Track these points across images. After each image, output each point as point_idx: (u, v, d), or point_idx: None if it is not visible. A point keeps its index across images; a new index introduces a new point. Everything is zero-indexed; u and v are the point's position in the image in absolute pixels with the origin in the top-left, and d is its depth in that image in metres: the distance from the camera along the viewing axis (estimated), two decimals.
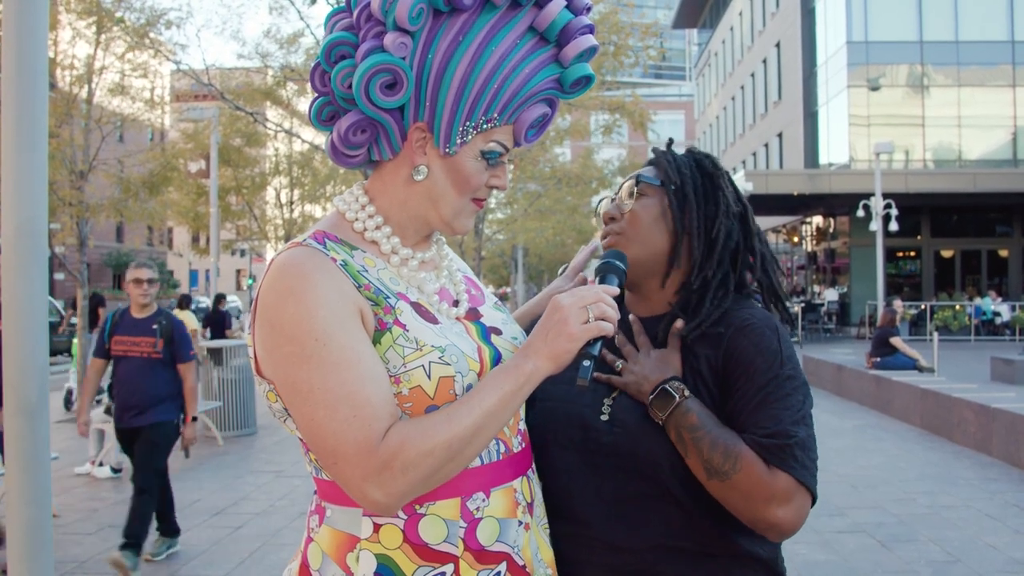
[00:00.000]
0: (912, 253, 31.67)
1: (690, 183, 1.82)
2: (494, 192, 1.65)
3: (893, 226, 23.49)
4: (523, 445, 1.65)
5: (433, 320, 1.55)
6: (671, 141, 1.98)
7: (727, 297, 1.78)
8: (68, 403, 12.35)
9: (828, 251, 33.96)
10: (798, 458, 1.59)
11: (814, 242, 35.84)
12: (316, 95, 1.61)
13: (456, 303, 1.66)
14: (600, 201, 1.94)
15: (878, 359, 13.52)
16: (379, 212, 1.61)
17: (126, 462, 8.62)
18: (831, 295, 30.98)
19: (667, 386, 1.67)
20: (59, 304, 25.19)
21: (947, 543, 6.08)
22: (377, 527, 1.48)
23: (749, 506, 1.58)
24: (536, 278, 49.26)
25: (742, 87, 46.03)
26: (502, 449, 1.58)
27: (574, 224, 30.39)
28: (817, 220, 34.71)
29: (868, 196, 23.80)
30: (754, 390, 1.65)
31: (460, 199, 1.59)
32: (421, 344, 1.48)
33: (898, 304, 14.86)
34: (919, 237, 31.09)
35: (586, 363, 1.52)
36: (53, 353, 22.61)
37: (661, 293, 1.84)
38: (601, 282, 1.67)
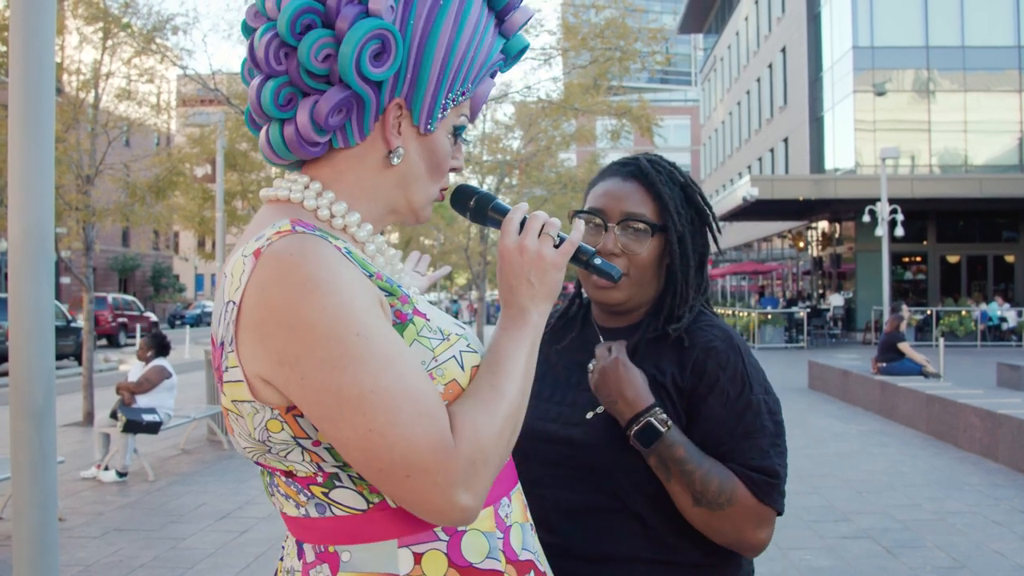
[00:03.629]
0: (918, 258, 31.63)
1: (687, 227, 1.85)
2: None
3: (899, 231, 23.46)
4: None
5: None
6: (657, 159, 1.92)
7: (692, 309, 1.84)
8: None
9: (834, 256, 33.93)
10: (782, 492, 1.70)
11: (820, 247, 35.81)
12: (263, 76, 1.36)
13: None
14: (580, 215, 1.83)
15: (884, 364, 13.51)
16: (340, 199, 1.38)
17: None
18: (837, 300, 30.94)
19: (652, 419, 1.68)
20: (64, 307, 25.25)
21: (953, 549, 6.06)
22: (418, 557, 1.28)
23: (736, 532, 1.68)
24: None
25: (748, 92, 46.03)
26: None
27: None
28: (823, 225, 34.68)
29: (874, 201, 23.78)
30: (733, 419, 1.70)
31: (431, 183, 1.44)
32: (447, 333, 1.34)
33: (905, 310, 14.85)
34: (925, 242, 31.06)
35: (598, 261, 1.49)
36: (59, 357, 22.70)
37: (636, 311, 1.89)
38: (500, 212, 1.49)
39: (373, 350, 1.17)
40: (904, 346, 13.59)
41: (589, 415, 1.79)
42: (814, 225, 35.57)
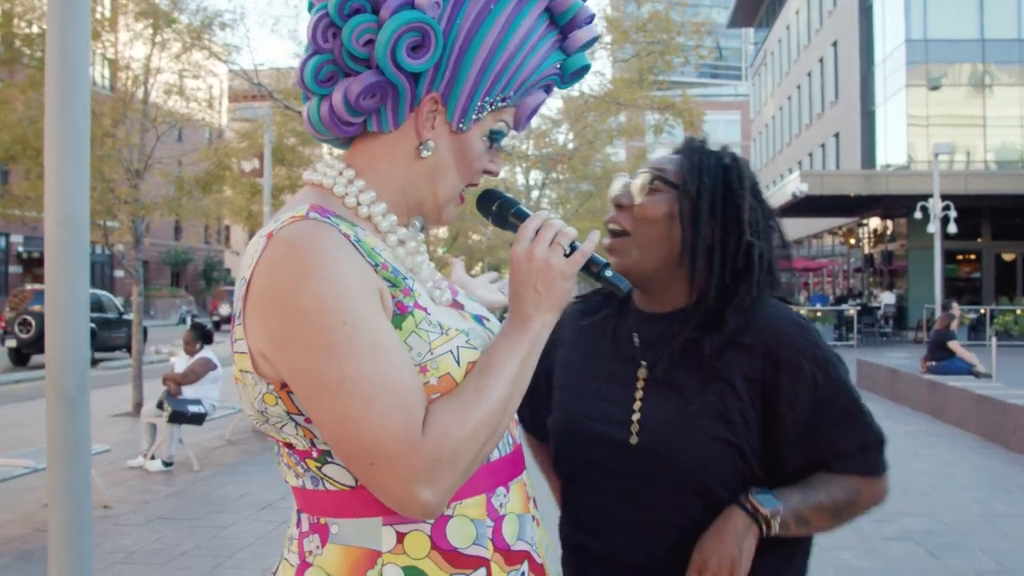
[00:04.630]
0: (972, 256, 31.04)
1: (708, 193, 1.70)
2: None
3: (951, 228, 23.04)
4: (518, 437, 1.56)
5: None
6: (702, 141, 1.81)
7: (753, 305, 1.69)
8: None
9: (885, 253, 33.41)
10: (884, 454, 1.71)
11: (871, 244, 35.30)
12: (311, 52, 1.43)
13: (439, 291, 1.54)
14: (617, 180, 1.81)
15: (933, 363, 13.29)
16: (369, 188, 1.43)
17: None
18: (888, 298, 30.45)
19: (771, 520, 1.59)
20: (118, 300, 25.71)
21: (998, 553, 5.93)
22: (401, 536, 1.32)
23: (867, 507, 1.72)
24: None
25: (798, 87, 45.49)
26: (510, 440, 1.47)
27: None
28: (874, 222, 34.17)
29: (926, 197, 23.38)
30: (826, 404, 1.65)
31: (459, 182, 1.47)
32: (446, 328, 1.36)
33: (956, 308, 14.61)
34: (979, 239, 30.46)
35: (609, 273, 1.45)
36: (111, 348, 23.17)
37: (669, 292, 1.76)
38: (520, 218, 1.50)
39: (359, 339, 1.22)
40: (954, 345, 13.37)
41: (635, 418, 1.69)
42: (865, 221, 35.08)
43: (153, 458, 8.64)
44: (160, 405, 8.75)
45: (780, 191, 31.08)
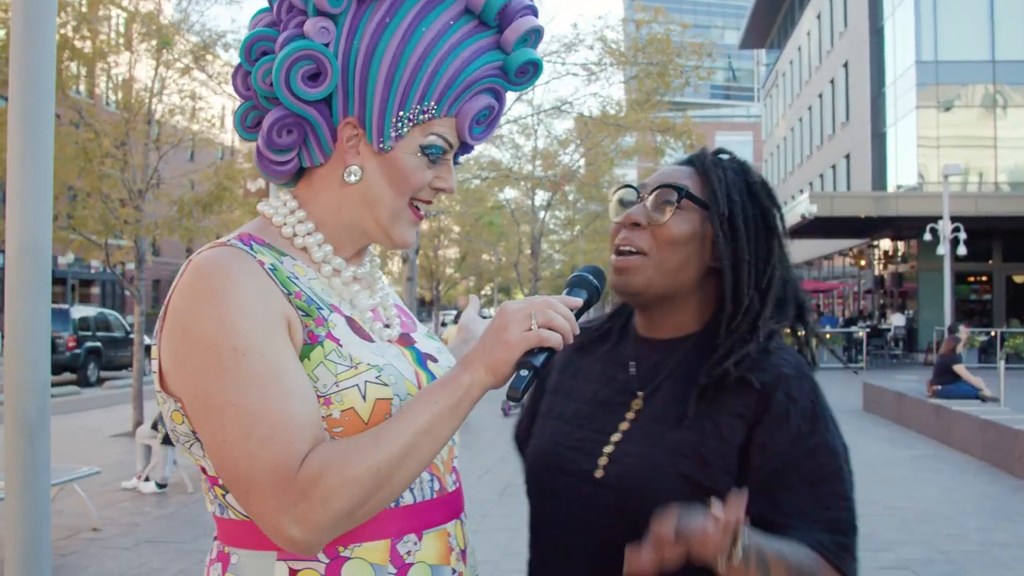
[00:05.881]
0: (983, 278, 30.81)
1: (741, 214, 1.58)
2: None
3: (961, 250, 22.88)
4: (457, 485, 1.49)
5: (367, 338, 1.40)
6: (718, 151, 1.70)
7: (767, 324, 1.56)
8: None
9: (895, 275, 33.23)
10: (855, 548, 1.45)
11: (881, 266, 35.11)
12: (241, 100, 1.48)
13: (387, 326, 1.51)
14: (619, 190, 1.67)
15: (939, 387, 13.15)
16: (310, 218, 1.45)
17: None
18: (898, 320, 30.25)
19: (742, 543, 1.28)
20: (127, 320, 25.77)
21: None
22: (294, 572, 1.30)
23: None
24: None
25: (809, 108, 45.44)
26: (436, 487, 1.42)
27: None
28: (885, 243, 34.00)
29: (937, 219, 23.23)
30: (802, 456, 1.44)
31: (398, 200, 1.43)
32: (356, 362, 1.33)
33: (963, 331, 14.46)
34: (990, 261, 30.22)
35: (523, 372, 1.31)
36: (118, 367, 23.26)
37: (678, 316, 1.63)
38: (568, 294, 1.46)
39: (247, 366, 1.23)
40: (960, 368, 13.23)
41: (607, 450, 1.52)
42: (875, 243, 34.93)
43: (147, 480, 8.59)
44: (155, 426, 8.71)
45: (790, 212, 30.98)
